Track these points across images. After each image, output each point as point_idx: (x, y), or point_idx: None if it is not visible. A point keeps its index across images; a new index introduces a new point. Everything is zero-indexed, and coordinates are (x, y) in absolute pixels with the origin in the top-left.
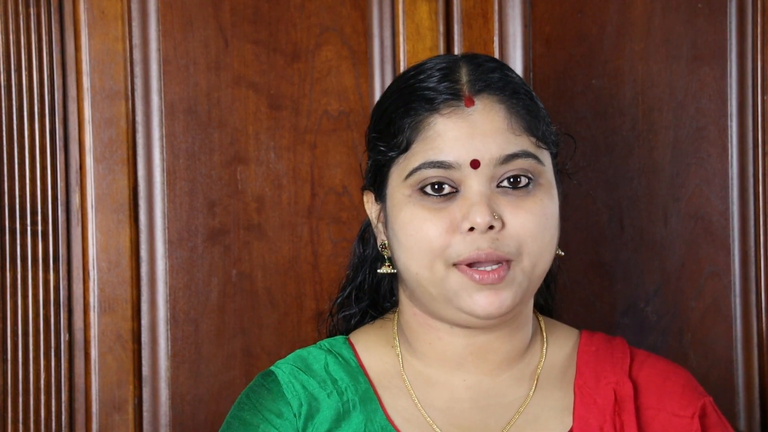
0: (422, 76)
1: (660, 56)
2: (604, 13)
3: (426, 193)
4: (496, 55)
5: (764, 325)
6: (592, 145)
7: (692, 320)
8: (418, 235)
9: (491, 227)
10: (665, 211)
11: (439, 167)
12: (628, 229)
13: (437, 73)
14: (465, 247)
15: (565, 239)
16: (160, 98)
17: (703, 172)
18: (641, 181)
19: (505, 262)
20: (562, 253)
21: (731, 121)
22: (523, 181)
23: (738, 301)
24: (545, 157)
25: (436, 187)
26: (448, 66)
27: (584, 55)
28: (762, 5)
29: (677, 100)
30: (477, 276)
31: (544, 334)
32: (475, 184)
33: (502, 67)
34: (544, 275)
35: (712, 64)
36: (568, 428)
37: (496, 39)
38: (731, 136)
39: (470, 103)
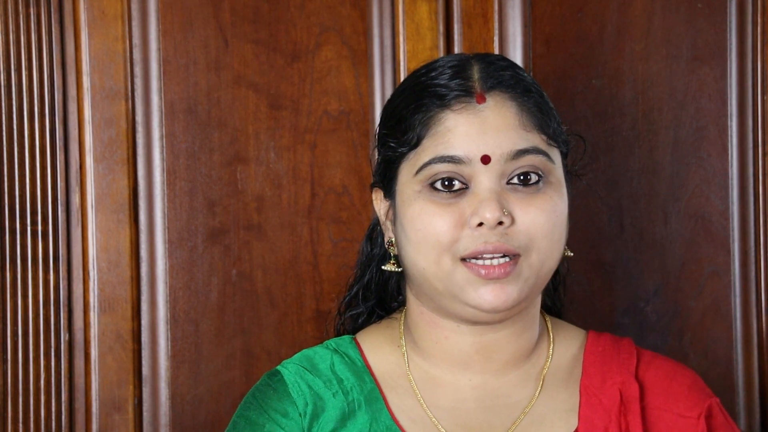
0: (434, 74)
1: (660, 56)
2: (604, 13)
3: (436, 189)
4: None
5: (764, 325)
6: (592, 145)
7: (692, 320)
8: (427, 229)
9: (500, 223)
10: (665, 211)
11: (449, 162)
12: (628, 229)
13: (449, 71)
14: (473, 241)
15: (567, 239)
16: (160, 98)
17: (703, 172)
18: (641, 180)
19: (512, 257)
20: (571, 254)
21: (731, 121)
22: (534, 178)
23: (738, 301)
24: (555, 155)
25: (446, 183)
26: (460, 64)
27: (584, 55)
28: (762, 5)
29: (677, 100)
30: (483, 271)
31: (551, 334)
32: (485, 180)
33: (514, 66)
34: (551, 273)
35: (712, 64)
36: (574, 429)
37: (496, 39)
38: (731, 136)
39: (482, 99)
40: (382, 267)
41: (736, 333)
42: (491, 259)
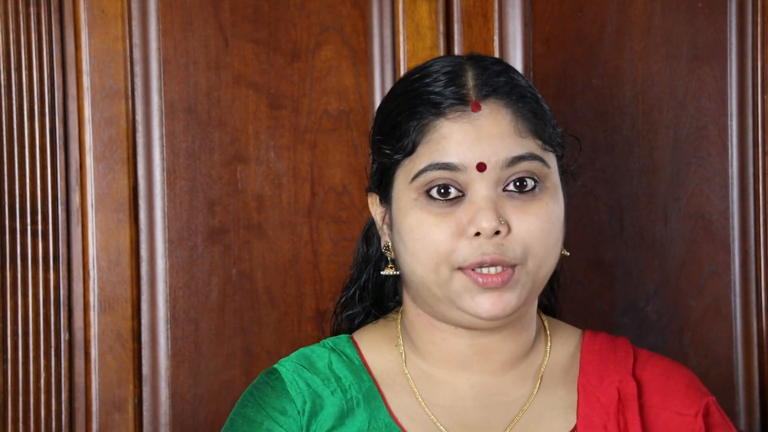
0: (428, 80)
1: (660, 56)
2: (604, 13)
3: (432, 198)
4: (496, 55)
5: (764, 324)
6: (592, 145)
7: (692, 320)
8: (425, 240)
9: (497, 232)
10: (665, 211)
11: (444, 169)
12: (628, 229)
13: (443, 77)
14: (471, 252)
15: (565, 238)
16: (160, 97)
17: (703, 171)
18: (641, 180)
19: (509, 267)
20: (568, 254)
21: (731, 120)
22: (530, 184)
23: (738, 300)
24: (551, 159)
25: (442, 191)
26: (454, 69)
27: (584, 54)
28: (762, 5)
29: (677, 100)
30: (481, 279)
31: (548, 333)
32: (482, 188)
33: (508, 69)
34: (548, 277)
35: (712, 64)
36: (572, 426)
37: (496, 39)
38: (731, 136)
39: (477, 108)
40: (381, 272)
41: (736, 333)
42: (489, 268)
